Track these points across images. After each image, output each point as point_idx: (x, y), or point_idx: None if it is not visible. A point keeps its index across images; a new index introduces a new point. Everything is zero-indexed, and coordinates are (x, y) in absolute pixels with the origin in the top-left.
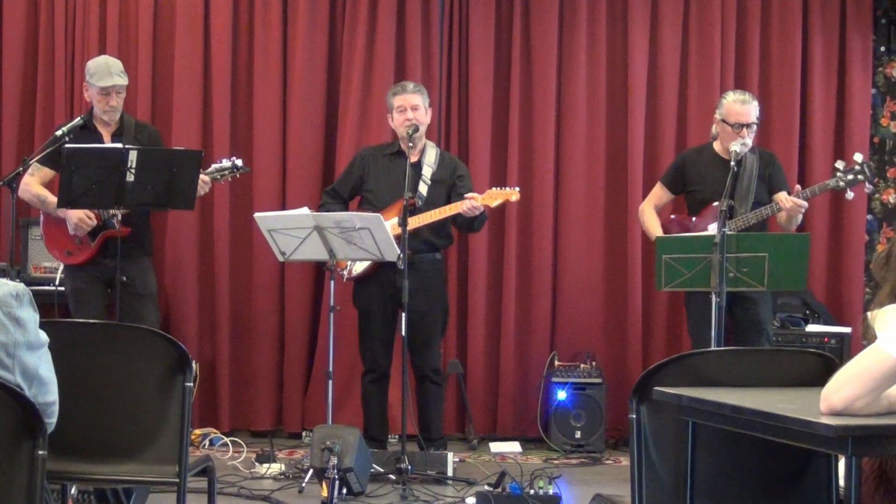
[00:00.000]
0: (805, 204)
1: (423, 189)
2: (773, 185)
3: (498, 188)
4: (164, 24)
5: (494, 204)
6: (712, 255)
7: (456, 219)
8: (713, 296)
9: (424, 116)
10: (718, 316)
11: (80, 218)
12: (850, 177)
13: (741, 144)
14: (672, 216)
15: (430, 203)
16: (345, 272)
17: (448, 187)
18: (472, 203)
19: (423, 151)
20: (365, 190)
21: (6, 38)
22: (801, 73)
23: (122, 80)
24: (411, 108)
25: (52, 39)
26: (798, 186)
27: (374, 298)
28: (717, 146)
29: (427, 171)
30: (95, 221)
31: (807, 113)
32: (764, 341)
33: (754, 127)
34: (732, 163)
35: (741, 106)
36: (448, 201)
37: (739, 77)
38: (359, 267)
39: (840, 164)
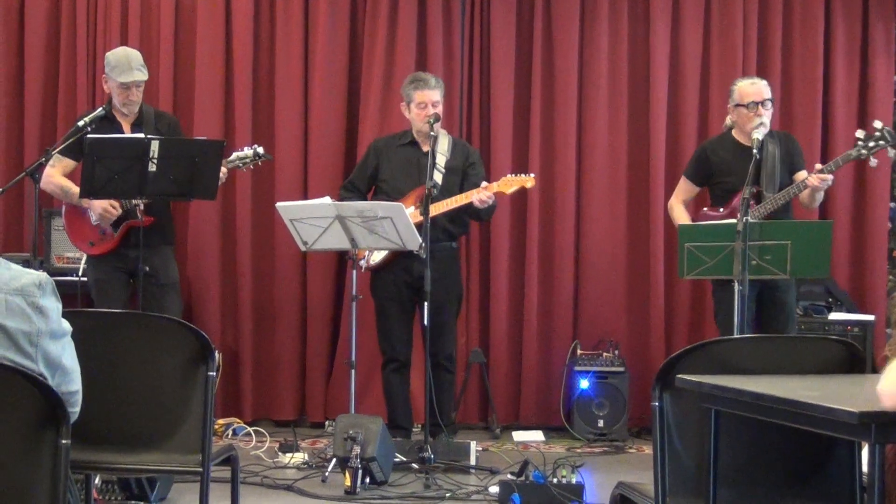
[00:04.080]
0: (830, 177)
1: (437, 177)
2: (794, 165)
3: (513, 175)
4: (185, 13)
5: (510, 191)
6: (735, 243)
7: (466, 207)
8: (736, 284)
9: (440, 109)
10: (741, 304)
11: (104, 208)
12: (872, 143)
13: (761, 125)
14: (704, 209)
15: (445, 191)
16: (363, 262)
17: (461, 175)
18: (484, 195)
19: (435, 140)
20: (379, 180)
21: (28, 29)
22: (823, 61)
23: (143, 76)
24: (432, 104)
25: (73, 30)
26: (818, 165)
27: (393, 288)
28: (736, 134)
29: (441, 160)
30: (120, 210)
31: (829, 101)
32: (791, 327)
33: (769, 104)
34: (755, 150)
35: (751, 86)
36: (461, 189)
37: (762, 65)
38: (376, 257)
39: (860, 133)
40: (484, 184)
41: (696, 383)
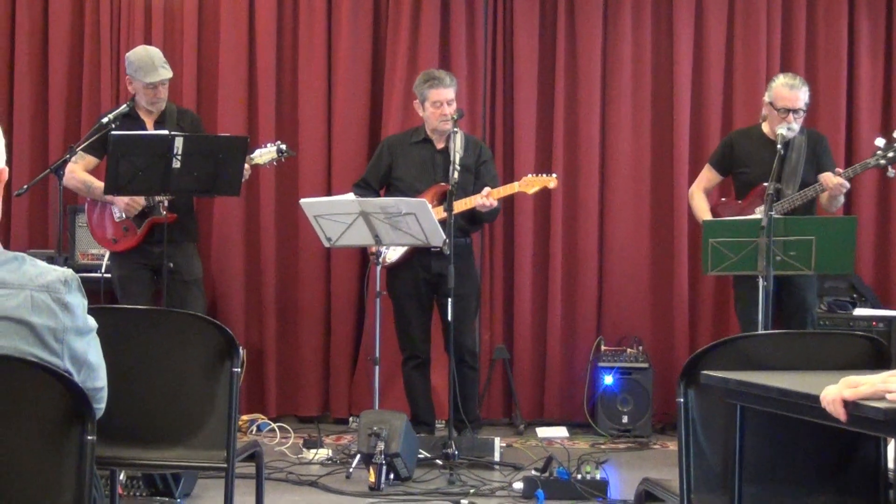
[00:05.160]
0: (847, 184)
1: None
2: (821, 166)
3: (534, 175)
4: (208, 10)
5: (531, 191)
6: (759, 239)
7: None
8: (760, 279)
9: (454, 107)
10: (766, 299)
11: (129, 198)
12: (891, 154)
13: (787, 129)
14: (722, 199)
15: (460, 188)
16: (379, 260)
17: (474, 173)
18: (485, 201)
19: (449, 137)
20: (394, 178)
21: (52, 26)
22: (847, 55)
23: (168, 73)
24: (447, 102)
25: (97, 27)
26: (838, 169)
27: (411, 285)
28: (765, 127)
29: (455, 157)
30: (144, 201)
31: (853, 95)
32: (809, 325)
33: (801, 113)
34: (779, 146)
35: (789, 91)
36: (474, 186)
37: (785, 59)
38: (393, 254)
39: (880, 142)
40: (486, 189)
41: (722, 379)
